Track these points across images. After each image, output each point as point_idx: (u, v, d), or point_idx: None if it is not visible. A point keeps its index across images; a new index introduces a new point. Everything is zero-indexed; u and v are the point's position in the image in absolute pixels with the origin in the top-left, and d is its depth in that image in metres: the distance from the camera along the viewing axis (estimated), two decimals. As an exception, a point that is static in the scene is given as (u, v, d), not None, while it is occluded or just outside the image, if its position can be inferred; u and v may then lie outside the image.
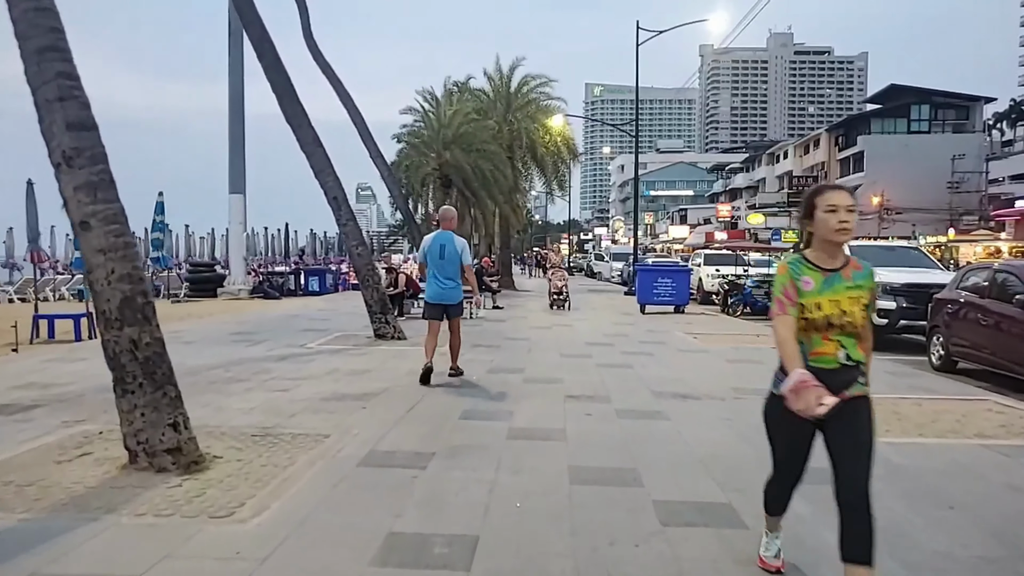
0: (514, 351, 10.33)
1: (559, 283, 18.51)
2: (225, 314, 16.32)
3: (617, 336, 12.52)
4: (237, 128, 21.30)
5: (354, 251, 11.29)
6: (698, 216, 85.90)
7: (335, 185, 11.28)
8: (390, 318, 11.41)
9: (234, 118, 21.31)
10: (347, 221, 11.26)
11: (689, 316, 17.22)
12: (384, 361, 9.21)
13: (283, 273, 23.61)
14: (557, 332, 13.08)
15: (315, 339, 11.47)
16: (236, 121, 21.37)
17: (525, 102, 27.96)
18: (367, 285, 11.37)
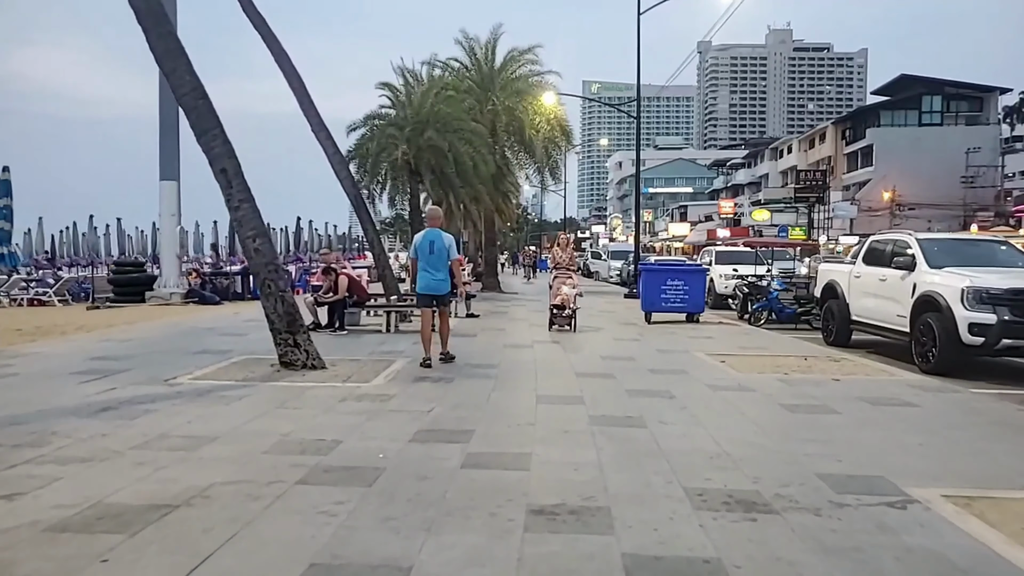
0: (470, 390, 7.10)
1: (566, 291, 12.58)
2: (128, 325, 13.07)
3: (620, 361, 9.30)
4: (168, 107, 18.06)
5: (249, 244, 8.08)
6: (699, 213, 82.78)
7: (224, 153, 8.06)
8: (301, 339, 8.18)
9: (165, 95, 18.06)
10: (240, 202, 8.03)
11: (705, 327, 14.00)
12: (260, 415, 5.97)
13: (229, 274, 20.35)
14: (539, 355, 9.85)
15: (199, 367, 8.25)
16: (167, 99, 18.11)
17: (510, 78, 24.71)
18: (268, 293, 8.15)
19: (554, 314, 12.78)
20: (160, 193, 18.12)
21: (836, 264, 14.00)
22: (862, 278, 11.68)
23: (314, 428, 5.46)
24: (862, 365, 9.24)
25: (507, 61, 25.31)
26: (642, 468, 4.50)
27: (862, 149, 61.79)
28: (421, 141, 20.61)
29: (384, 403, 6.43)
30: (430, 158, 20.82)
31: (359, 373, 8.00)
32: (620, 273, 33.18)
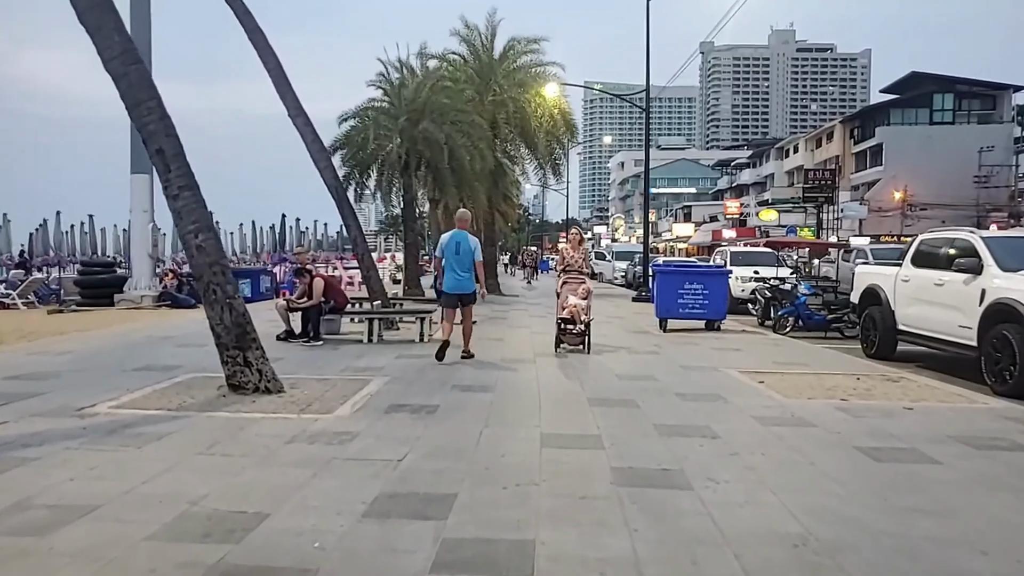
0: (456, 426, 5.61)
1: (575, 301, 9.86)
2: (79, 333, 11.60)
3: (639, 382, 7.81)
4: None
5: (190, 240, 6.60)
6: (703, 213, 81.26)
7: (160, 130, 6.58)
8: (253, 356, 6.70)
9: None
10: (180, 190, 6.55)
11: (728, 336, 12.53)
12: (174, 465, 4.49)
13: (206, 275, 18.87)
14: (543, 373, 8.35)
15: (131, 390, 6.77)
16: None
17: (512, 68, 23.20)
18: (212, 300, 6.67)
19: (562, 330, 9.79)
20: (131, 188, 16.63)
21: (876, 266, 12.47)
22: (912, 282, 10.20)
23: (239, 490, 3.99)
24: (929, 387, 7.74)
25: (507, 51, 23.81)
26: (701, 571, 3.02)
27: (871, 148, 60.28)
28: (415, 133, 19.11)
29: (343, 446, 4.95)
30: (425, 151, 19.32)
31: (322, 399, 6.53)
32: (625, 275, 31.68)
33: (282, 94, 12.05)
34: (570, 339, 9.84)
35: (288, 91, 12.07)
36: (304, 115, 12.17)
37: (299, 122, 12.09)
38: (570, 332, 9.81)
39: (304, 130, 12.10)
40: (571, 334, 9.81)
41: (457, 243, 8.94)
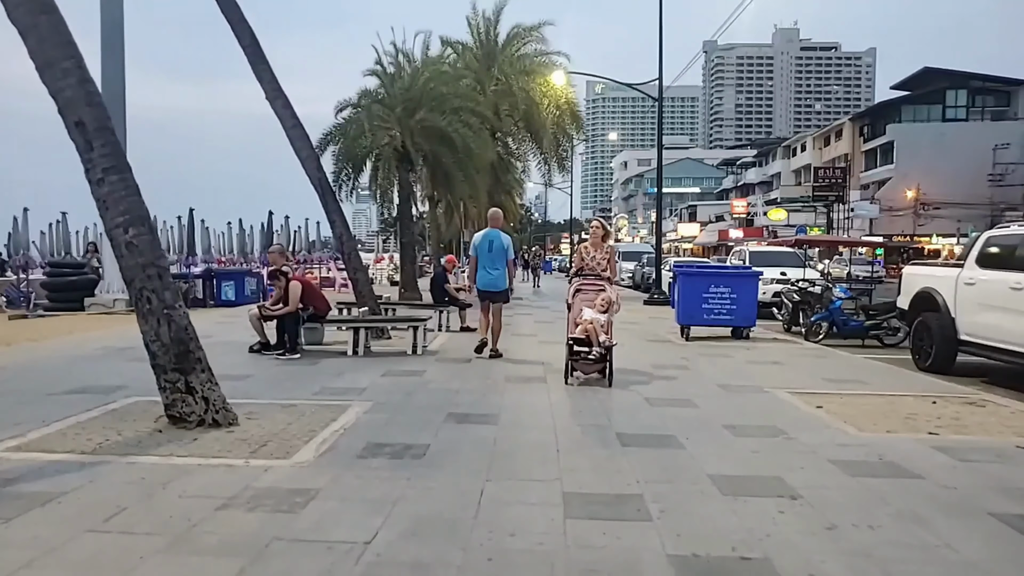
0: (449, 481, 4.26)
1: (593, 315, 7.47)
2: (30, 343, 10.26)
3: (675, 408, 6.45)
4: (112, 79, 15.27)
5: (118, 236, 5.25)
6: (708, 213, 79.96)
7: (79, 98, 5.24)
8: (198, 380, 5.35)
9: (108, 64, 15.28)
10: (105, 173, 5.21)
11: (760, 346, 11.19)
12: (46, 553, 3.14)
13: (188, 277, 17.47)
14: (556, 396, 6.99)
15: (49, 421, 5.44)
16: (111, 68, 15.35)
17: (515, 56, 21.85)
18: (147, 310, 5.31)
19: (574, 354, 7.29)
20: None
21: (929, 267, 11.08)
22: (978, 286, 8.84)
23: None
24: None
25: (511, 38, 22.46)
26: None
27: (881, 146, 58.82)
28: (413, 123, 17.74)
29: (293, 515, 3.61)
30: (423, 143, 17.95)
31: (282, 436, 5.18)
32: (633, 275, 30.29)
33: (259, 74, 10.72)
34: (584, 366, 7.40)
35: (266, 70, 10.75)
36: (283, 97, 10.84)
37: (277, 105, 10.76)
38: (584, 358, 7.29)
39: (283, 113, 10.77)
40: (585, 360, 7.31)
41: (490, 241, 9.05)
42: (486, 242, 9.10)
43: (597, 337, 7.30)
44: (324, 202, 10.85)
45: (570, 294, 7.88)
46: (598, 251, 8.00)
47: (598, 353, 7.27)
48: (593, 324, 7.34)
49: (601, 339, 7.30)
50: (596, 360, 7.31)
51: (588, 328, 7.32)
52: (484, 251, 9.09)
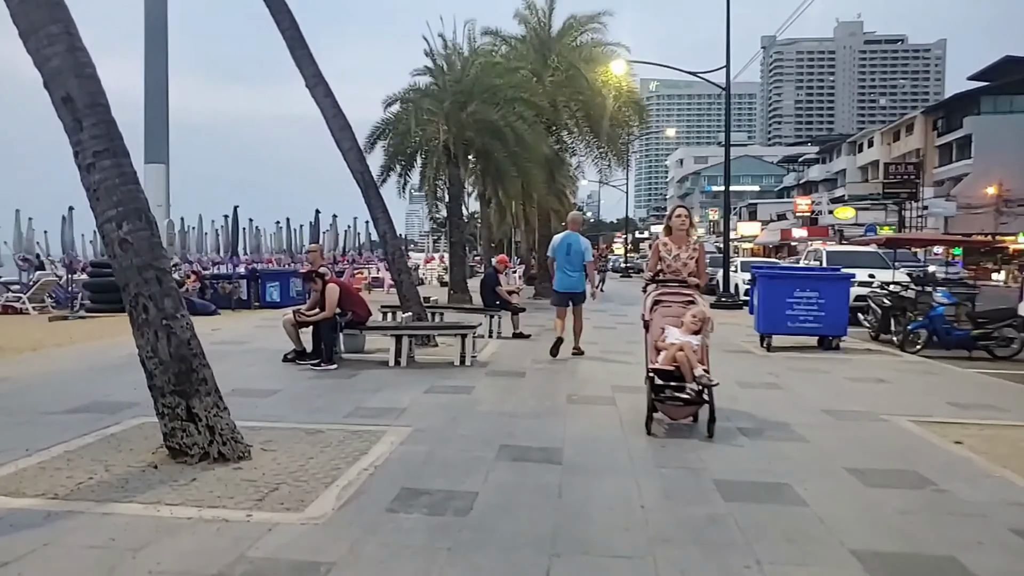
0: (505, 554, 3.22)
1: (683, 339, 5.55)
2: (56, 348, 9.66)
3: (778, 442, 5.30)
4: (156, 74, 14.77)
5: (110, 232, 4.37)
6: (769, 212, 77.13)
7: (68, 67, 4.39)
8: (201, 405, 4.45)
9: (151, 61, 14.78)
10: (96, 157, 4.35)
11: (854, 357, 9.86)
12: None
13: (231, 277, 16.91)
14: (627, 421, 5.88)
15: (37, 449, 4.62)
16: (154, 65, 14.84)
17: (572, 46, 20.70)
18: (142, 321, 4.45)
19: (658, 390, 5.40)
20: (144, 179, 14.65)
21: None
22: None
23: None
24: None
25: (567, 28, 21.33)
26: None
27: (957, 140, 55.58)
28: (463, 116, 16.80)
29: (288, 616, 2.62)
30: (474, 138, 17.00)
31: (299, 475, 4.23)
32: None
33: (298, 60, 9.91)
34: (672, 409, 5.55)
35: (305, 56, 9.93)
36: (324, 85, 10.00)
37: (318, 93, 9.93)
38: (673, 397, 5.42)
39: (324, 102, 9.92)
40: (674, 401, 5.44)
41: (568, 244, 9.10)
42: (565, 245, 9.11)
43: (691, 369, 5.36)
44: (367, 198, 9.96)
45: (647, 307, 5.90)
46: (683, 248, 6.08)
47: (692, 392, 5.35)
48: (684, 351, 5.41)
49: (696, 372, 5.34)
50: (689, 401, 5.41)
51: (678, 357, 5.40)
52: (563, 254, 9.09)
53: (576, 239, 9.19)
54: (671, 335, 5.62)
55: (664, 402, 5.44)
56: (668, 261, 6.09)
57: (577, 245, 9.12)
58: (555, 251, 9.24)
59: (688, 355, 5.39)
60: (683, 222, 6.15)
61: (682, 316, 5.76)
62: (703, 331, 5.64)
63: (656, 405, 5.42)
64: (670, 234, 6.18)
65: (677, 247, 6.10)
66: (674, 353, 5.43)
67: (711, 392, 5.29)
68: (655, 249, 6.30)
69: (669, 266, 6.08)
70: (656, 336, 5.75)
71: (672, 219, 6.23)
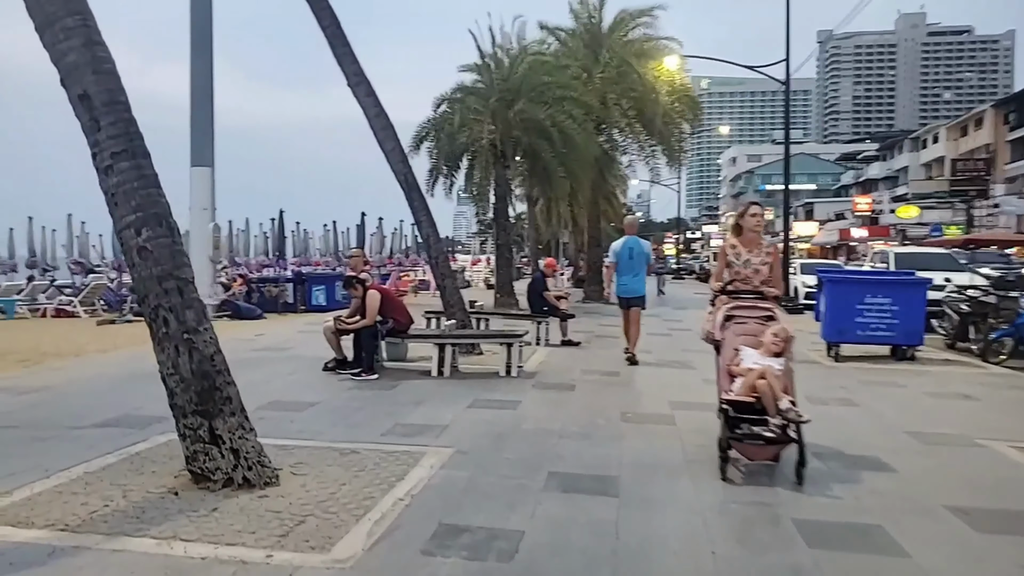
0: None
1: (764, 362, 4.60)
2: (99, 354, 9.57)
3: (862, 471, 4.72)
4: (201, 76, 14.70)
5: (130, 239, 4.05)
6: (826, 211, 74.70)
7: (85, 63, 4.12)
8: (225, 427, 4.12)
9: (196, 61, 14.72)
10: (114, 158, 4.04)
11: (932, 368, 9.10)
12: None
13: (278, 280, 16.85)
14: (689, 443, 5.36)
15: (56, 471, 4.37)
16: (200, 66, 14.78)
17: (623, 40, 20.11)
18: (162, 336, 4.14)
19: (734, 427, 4.45)
20: (190, 182, 14.76)
21: None
22: None
23: None
24: None
25: (618, 22, 20.73)
26: None
27: (1032, 135, 52.80)
28: (510, 115, 16.39)
29: None
30: (521, 137, 16.57)
31: (329, 504, 3.87)
32: (750, 279, 27.77)
33: (339, 57, 9.66)
34: (752, 449, 4.59)
35: (347, 54, 9.67)
36: (367, 83, 9.71)
37: (360, 92, 9.65)
38: (753, 435, 4.42)
39: (366, 101, 9.63)
40: (753, 439, 4.44)
41: (630, 248, 9.15)
42: (626, 249, 9.12)
43: (774, 400, 4.37)
44: (410, 200, 9.63)
45: (716, 324, 4.97)
46: (755, 252, 5.18)
47: (776, 428, 4.36)
48: (766, 378, 4.45)
49: (781, 404, 4.35)
50: (773, 439, 4.39)
51: (758, 386, 4.44)
52: (625, 258, 9.11)
53: (637, 242, 9.23)
54: (747, 358, 4.72)
55: (742, 440, 4.48)
56: (738, 267, 5.21)
57: (639, 248, 9.18)
58: (617, 256, 9.21)
59: (771, 383, 4.43)
60: (759, 222, 5.24)
61: (759, 334, 4.84)
62: (786, 352, 4.73)
63: (730, 442, 4.46)
64: (740, 235, 5.28)
65: (748, 251, 5.21)
66: (753, 381, 4.48)
67: (800, 429, 4.31)
68: (722, 253, 5.41)
69: (738, 273, 5.20)
70: (729, 359, 4.84)
71: (745, 217, 5.27)
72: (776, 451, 4.56)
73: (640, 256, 9.18)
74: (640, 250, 9.21)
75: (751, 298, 5.06)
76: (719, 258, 5.48)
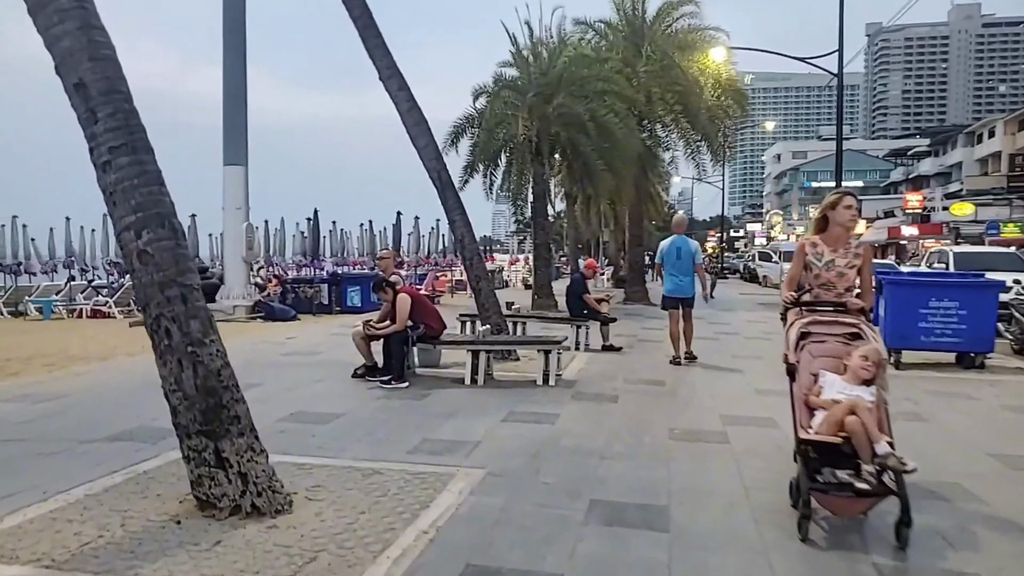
0: None
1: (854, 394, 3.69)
2: (126, 357, 9.37)
3: (939, 499, 4.15)
4: (234, 75, 14.58)
5: (129, 241, 3.71)
6: (874, 208, 72.34)
7: (79, 48, 3.78)
8: (232, 448, 3.75)
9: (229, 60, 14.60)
10: (113, 153, 3.71)
11: (1005, 378, 8.38)
12: None
13: (312, 281, 16.64)
14: (751, 479, 4.83)
15: (55, 492, 4.06)
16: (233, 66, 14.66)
17: (666, 33, 19.45)
18: (164, 349, 3.78)
19: (815, 472, 3.59)
20: (224, 181, 14.66)
21: None
22: None
23: None
24: None
25: (661, 13, 20.07)
26: None
27: (1095, 128, 50.38)
28: (548, 110, 15.91)
29: None
30: (560, 132, 16.08)
31: (345, 537, 3.47)
32: (797, 279, 26.85)
33: (371, 50, 9.31)
34: (839, 502, 3.66)
35: (379, 46, 9.32)
36: (399, 77, 9.34)
37: (392, 85, 9.28)
38: (841, 484, 3.54)
39: (398, 95, 9.26)
40: (841, 490, 3.54)
41: (677, 248, 9.09)
42: (674, 249, 9.08)
43: (869, 443, 3.48)
44: (443, 198, 9.23)
45: (791, 343, 4.01)
46: (842, 253, 4.20)
47: (872, 477, 3.48)
48: (857, 412, 3.54)
49: (878, 448, 3.46)
50: (868, 491, 3.48)
51: (848, 424, 3.52)
52: (672, 258, 9.06)
53: (685, 242, 9.17)
54: (829, 386, 3.83)
55: (826, 491, 3.55)
56: (818, 270, 4.20)
57: (687, 248, 9.10)
58: (664, 256, 9.18)
59: (864, 420, 3.50)
60: (853, 216, 4.19)
61: (843, 356, 3.94)
62: (878, 380, 3.78)
63: (811, 495, 3.54)
64: (823, 231, 4.27)
65: (832, 250, 4.20)
66: (841, 417, 3.56)
67: (902, 480, 3.42)
68: (799, 253, 4.34)
69: (818, 277, 4.20)
70: (806, 387, 3.92)
71: (838, 209, 4.20)
72: (869, 505, 3.64)
73: (688, 256, 9.07)
74: (688, 249, 9.10)
75: (832, 311, 4.12)
76: (794, 259, 4.39)
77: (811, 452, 3.62)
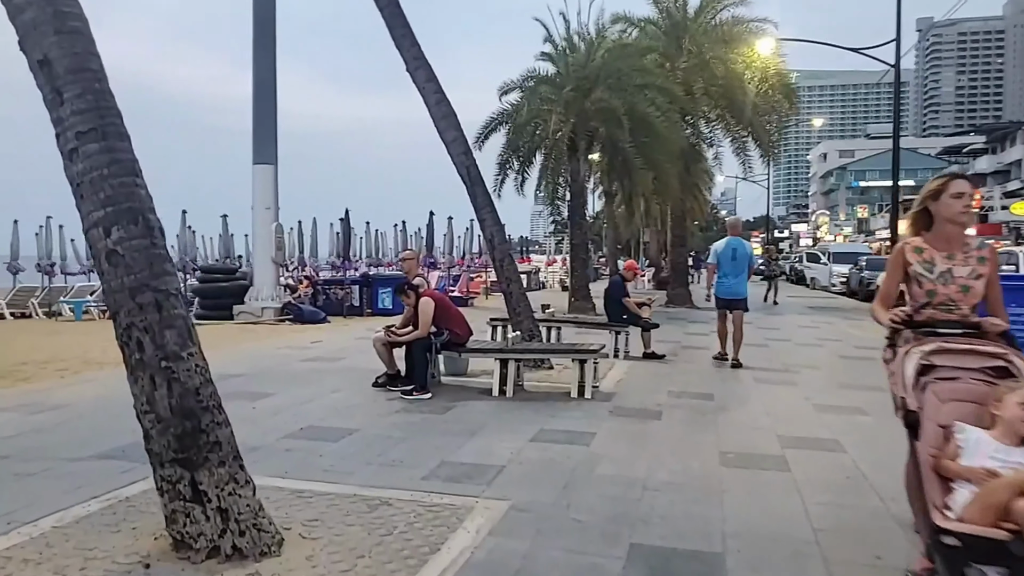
0: None
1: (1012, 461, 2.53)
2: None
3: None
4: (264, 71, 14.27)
5: (98, 240, 3.22)
6: (927, 209, 69.98)
7: (45, 20, 3.28)
8: (211, 480, 3.21)
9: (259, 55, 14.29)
10: (80, 139, 3.23)
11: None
12: None
13: (343, 283, 16.23)
14: (818, 517, 4.14)
15: (23, 521, 3.58)
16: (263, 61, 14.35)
17: (709, 26, 18.61)
18: (135, 364, 3.28)
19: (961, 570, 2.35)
20: (253, 180, 14.34)
21: None
22: None
23: None
24: None
25: (703, 6, 19.23)
26: None
27: None
28: (587, 105, 15.26)
29: None
30: (598, 127, 15.41)
31: (328, 600, 2.89)
32: (847, 280, 25.75)
33: (398, 40, 8.83)
34: None
35: (406, 36, 8.83)
36: (427, 68, 8.83)
37: (420, 76, 8.77)
38: None
39: (426, 87, 8.74)
40: None
41: (733, 249, 9.05)
42: (729, 250, 9.03)
43: None
44: (472, 196, 8.67)
45: (907, 380, 2.83)
46: (961, 260, 3.12)
47: None
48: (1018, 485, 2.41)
49: None
50: None
51: (1017, 512, 2.33)
52: (727, 259, 9.00)
53: (740, 244, 9.13)
54: (974, 446, 2.66)
55: None
56: (931, 284, 3.11)
57: (743, 249, 9.09)
58: (719, 257, 9.10)
59: None
60: (966, 207, 3.10)
61: (987, 400, 2.78)
62: None
63: None
64: (926, 229, 3.22)
65: (945, 256, 3.12)
66: (1006, 501, 2.38)
67: None
68: (897, 259, 3.23)
69: (932, 293, 3.11)
70: (935, 444, 2.75)
71: (943, 199, 3.12)
72: None
73: (743, 258, 9.03)
74: (743, 251, 9.07)
75: (963, 335, 2.94)
76: (890, 268, 3.30)
77: (960, 547, 2.38)
